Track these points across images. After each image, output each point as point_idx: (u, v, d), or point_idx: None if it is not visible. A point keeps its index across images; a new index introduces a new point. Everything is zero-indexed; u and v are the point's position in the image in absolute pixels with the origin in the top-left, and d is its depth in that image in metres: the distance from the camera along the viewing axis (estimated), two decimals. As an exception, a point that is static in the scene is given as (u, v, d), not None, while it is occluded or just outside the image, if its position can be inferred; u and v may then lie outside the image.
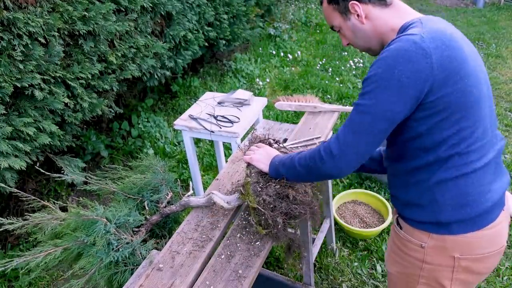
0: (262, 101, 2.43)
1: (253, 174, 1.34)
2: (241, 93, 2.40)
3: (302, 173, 1.20)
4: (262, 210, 1.28)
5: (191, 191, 1.60)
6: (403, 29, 1.07)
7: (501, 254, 1.17)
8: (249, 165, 1.39)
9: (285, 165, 1.25)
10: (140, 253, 1.37)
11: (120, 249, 1.36)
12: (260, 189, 1.30)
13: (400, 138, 1.09)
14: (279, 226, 1.28)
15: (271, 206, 1.28)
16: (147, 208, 1.55)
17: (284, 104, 2.04)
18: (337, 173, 1.11)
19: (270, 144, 1.46)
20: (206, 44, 3.71)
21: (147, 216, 1.53)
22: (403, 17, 1.10)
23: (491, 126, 1.10)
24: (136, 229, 1.47)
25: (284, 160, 1.27)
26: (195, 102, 2.47)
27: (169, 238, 1.44)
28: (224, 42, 4.07)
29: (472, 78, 1.02)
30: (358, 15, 1.12)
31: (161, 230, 1.64)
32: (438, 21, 1.07)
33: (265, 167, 1.33)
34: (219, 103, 2.41)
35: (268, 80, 4.55)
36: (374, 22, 1.11)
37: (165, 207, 1.55)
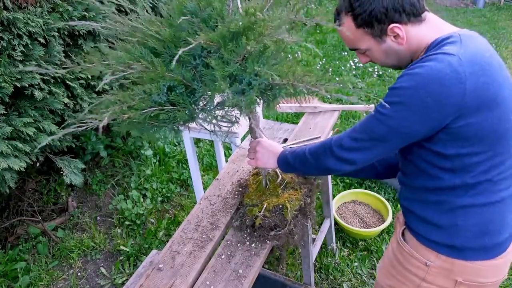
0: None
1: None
2: (241, 93, 2.40)
3: (309, 161, 1.17)
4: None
5: None
6: (437, 43, 1.00)
7: (498, 285, 1.14)
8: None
9: (294, 154, 1.23)
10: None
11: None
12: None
13: (425, 156, 1.03)
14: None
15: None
16: None
17: (284, 106, 2.04)
18: (338, 168, 1.10)
19: None
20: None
21: None
22: (437, 32, 1.02)
23: None
24: None
25: (295, 150, 1.25)
26: (195, 102, 2.47)
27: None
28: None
29: (509, 104, 0.98)
30: (395, 37, 1.03)
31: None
32: (477, 38, 1.01)
33: (273, 165, 1.30)
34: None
35: (268, 80, 4.54)
36: (410, 41, 1.04)
37: None
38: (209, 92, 1.00)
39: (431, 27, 1.04)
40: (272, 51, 1.00)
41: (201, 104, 1.09)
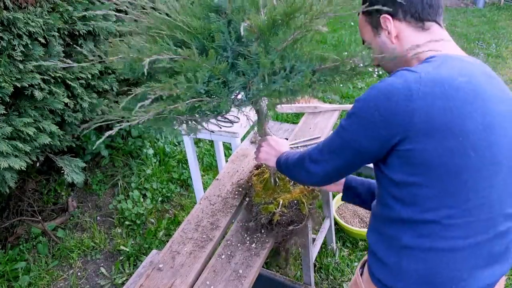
0: (262, 101, 2.42)
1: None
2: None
3: (290, 168, 1.18)
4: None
5: None
6: (422, 62, 0.94)
7: None
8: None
9: (287, 158, 1.23)
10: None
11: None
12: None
13: (382, 181, 0.97)
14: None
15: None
16: None
17: (285, 106, 2.04)
18: (305, 179, 1.10)
19: None
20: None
21: None
22: (433, 47, 0.95)
23: (500, 203, 0.91)
24: None
25: (289, 153, 1.24)
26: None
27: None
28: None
29: (475, 139, 0.85)
30: (389, 33, 0.98)
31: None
32: (463, 63, 0.91)
33: (273, 164, 1.31)
34: (219, 103, 2.40)
35: (268, 80, 4.54)
36: (403, 44, 0.98)
37: None
38: (254, 79, 0.97)
39: (431, 41, 0.96)
40: (311, 38, 1.00)
41: (239, 96, 1.07)
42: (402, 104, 0.83)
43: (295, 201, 1.37)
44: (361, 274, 1.11)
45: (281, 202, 1.36)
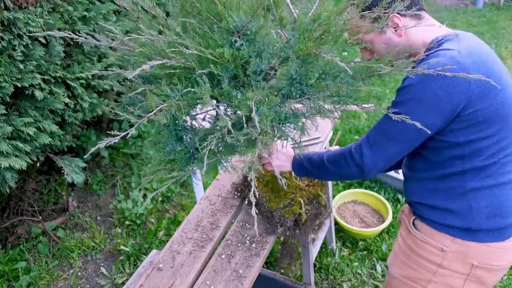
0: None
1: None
2: (241, 93, 2.40)
3: (329, 169, 1.20)
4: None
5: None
6: (436, 42, 1.06)
7: (507, 270, 1.17)
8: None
9: (311, 160, 1.25)
10: None
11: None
12: None
13: (436, 146, 1.08)
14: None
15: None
16: None
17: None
18: (360, 174, 1.13)
19: None
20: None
21: None
22: (434, 32, 1.09)
23: None
24: None
25: (311, 156, 1.27)
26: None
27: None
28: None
29: (508, 90, 1.04)
30: (394, 28, 1.09)
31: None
32: (471, 37, 1.09)
33: (288, 168, 1.33)
34: (219, 103, 2.40)
35: (268, 80, 4.54)
36: (409, 36, 1.10)
37: None
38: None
39: (429, 26, 1.10)
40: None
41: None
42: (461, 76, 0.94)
43: (311, 196, 1.40)
44: (418, 230, 1.20)
45: (302, 201, 1.37)
